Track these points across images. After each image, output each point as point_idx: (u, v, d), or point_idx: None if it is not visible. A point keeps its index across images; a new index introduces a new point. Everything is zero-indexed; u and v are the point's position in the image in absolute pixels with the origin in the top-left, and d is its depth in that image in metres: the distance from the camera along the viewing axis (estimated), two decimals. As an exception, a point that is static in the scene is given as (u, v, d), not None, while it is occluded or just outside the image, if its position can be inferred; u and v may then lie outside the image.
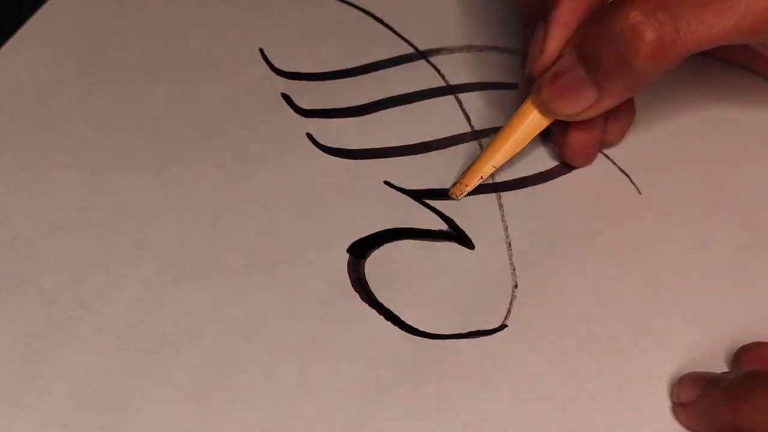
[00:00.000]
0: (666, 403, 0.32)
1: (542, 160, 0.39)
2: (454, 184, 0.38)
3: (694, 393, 0.30)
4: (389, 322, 0.34)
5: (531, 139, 0.37)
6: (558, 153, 0.39)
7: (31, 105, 0.42)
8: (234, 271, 0.36)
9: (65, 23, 0.46)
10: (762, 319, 0.34)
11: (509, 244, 0.36)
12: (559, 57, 0.36)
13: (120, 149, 0.40)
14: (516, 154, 0.38)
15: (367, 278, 0.35)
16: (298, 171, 0.39)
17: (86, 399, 0.32)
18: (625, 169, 0.39)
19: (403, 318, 0.34)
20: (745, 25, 0.32)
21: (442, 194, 0.38)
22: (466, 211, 0.37)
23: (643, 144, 0.40)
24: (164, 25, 0.46)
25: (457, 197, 0.37)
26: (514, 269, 0.35)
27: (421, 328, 0.34)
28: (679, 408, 0.31)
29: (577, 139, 0.38)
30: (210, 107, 0.42)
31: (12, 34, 0.46)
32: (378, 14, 0.47)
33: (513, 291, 0.34)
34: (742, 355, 0.32)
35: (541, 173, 0.39)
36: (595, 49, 0.34)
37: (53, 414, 0.32)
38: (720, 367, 0.32)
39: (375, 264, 0.36)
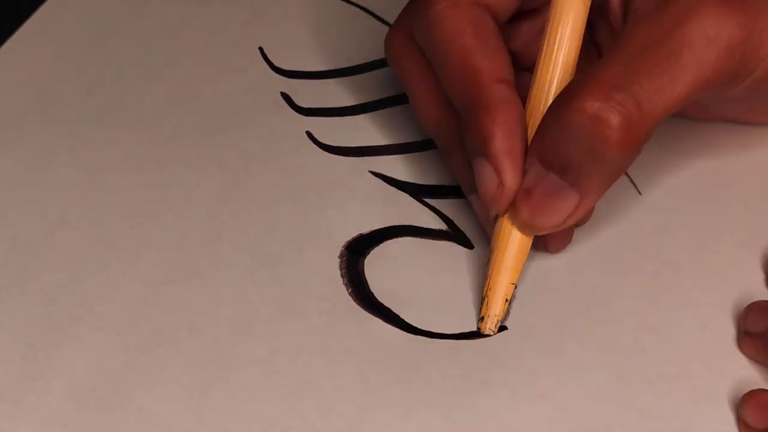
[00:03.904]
0: (666, 402, 0.32)
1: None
2: (481, 319, 0.34)
3: (763, 324, 0.30)
4: (388, 321, 0.34)
5: (531, 242, 0.34)
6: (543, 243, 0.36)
7: (31, 105, 0.42)
8: (234, 270, 0.36)
9: (65, 23, 0.46)
10: (762, 318, 0.34)
11: (509, 244, 0.36)
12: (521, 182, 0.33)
13: (120, 149, 0.40)
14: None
15: (366, 276, 0.35)
16: (297, 169, 0.39)
17: (86, 398, 0.32)
18: (626, 172, 0.39)
19: (402, 316, 0.34)
20: (702, 78, 0.31)
21: (441, 191, 0.38)
22: (465, 211, 0.37)
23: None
24: (164, 25, 0.46)
25: (493, 332, 0.34)
26: (514, 268, 0.35)
27: (421, 327, 0.34)
28: (745, 338, 0.30)
29: (556, 237, 0.35)
30: (210, 106, 0.42)
31: (12, 34, 0.46)
32: (377, 12, 0.47)
33: (513, 291, 0.34)
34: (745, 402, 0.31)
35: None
36: (561, 151, 0.31)
37: (53, 414, 0.32)
38: (721, 365, 0.32)
39: (374, 262, 0.36)
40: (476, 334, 0.34)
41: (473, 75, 0.33)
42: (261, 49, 0.45)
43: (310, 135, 0.41)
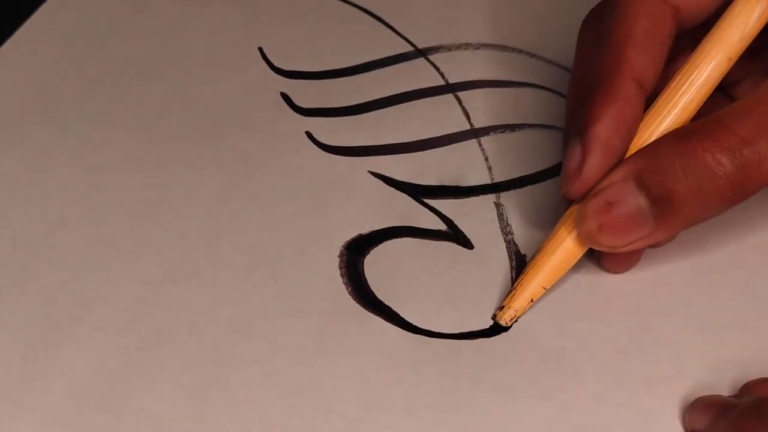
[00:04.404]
0: (666, 403, 0.32)
1: (541, 158, 0.39)
2: (501, 308, 0.34)
3: (705, 421, 0.30)
4: (389, 320, 0.34)
5: (581, 256, 0.34)
6: (595, 257, 0.35)
7: (31, 105, 0.42)
8: (234, 269, 0.36)
9: (65, 23, 0.46)
10: (762, 319, 0.34)
11: (508, 244, 0.36)
12: (600, 180, 0.32)
13: (120, 149, 0.40)
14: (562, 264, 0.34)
15: (366, 276, 0.35)
16: (297, 169, 0.39)
17: (86, 398, 0.32)
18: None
19: (402, 316, 0.34)
20: None
21: (441, 192, 0.38)
22: (465, 211, 0.37)
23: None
24: (164, 25, 0.46)
25: (507, 324, 0.34)
26: (513, 269, 0.35)
27: (421, 327, 0.34)
28: None
29: (620, 256, 0.35)
30: (210, 106, 0.42)
31: (12, 34, 0.46)
32: (377, 12, 0.47)
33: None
34: (749, 389, 0.31)
35: (540, 172, 0.39)
36: (667, 181, 0.31)
37: (53, 414, 0.32)
38: (720, 366, 0.32)
39: (374, 262, 0.36)
40: (476, 334, 0.34)
41: (618, 63, 0.33)
42: (261, 49, 0.45)
43: (309, 135, 0.41)
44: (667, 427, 0.31)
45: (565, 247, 0.33)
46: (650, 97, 0.33)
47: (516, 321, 0.34)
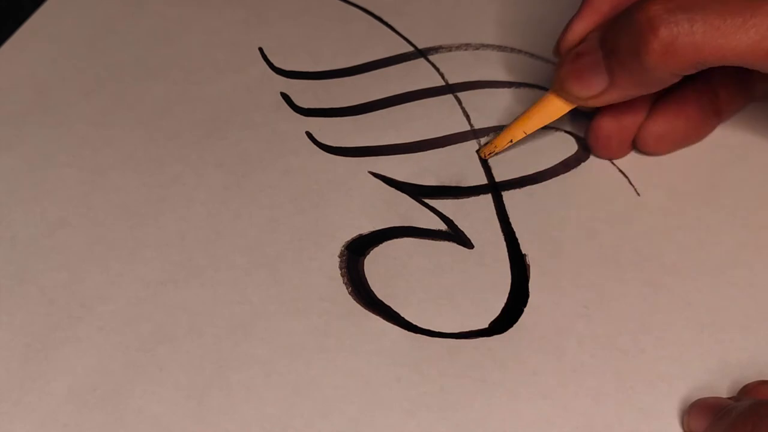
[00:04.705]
0: (666, 402, 0.32)
1: (541, 158, 0.39)
2: (485, 144, 0.39)
3: (703, 423, 0.30)
4: (389, 320, 0.34)
5: (565, 112, 0.38)
6: (586, 139, 0.39)
7: (31, 105, 0.42)
8: (233, 269, 0.36)
9: (65, 23, 0.47)
10: (762, 319, 0.34)
11: (508, 244, 0.36)
12: (583, 39, 0.36)
13: (120, 149, 0.40)
14: (536, 131, 0.38)
15: (366, 276, 0.35)
16: (297, 169, 0.39)
17: (86, 398, 0.32)
18: (623, 170, 0.39)
19: (402, 315, 0.34)
20: (763, 47, 0.31)
21: (441, 192, 0.38)
22: (465, 211, 0.37)
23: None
24: (164, 25, 0.46)
25: (485, 156, 0.39)
26: (513, 268, 0.35)
27: (421, 326, 0.34)
28: None
29: (601, 124, 0.38)
30: (210, 107, 0.42)
31: (12, 34, 0.46)
32: (377, 12, 0.47)
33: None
34: (747, 392, 0.31)
35: (540, 172, 0.39)
36: (614, 36, 0.34)
37: (53, 414, 0.32)
38: (720, 366, 0.32)
39: (374, 262, 0.36)
40: (476, 334, 0.34)
41: None
42: (261, 49, 0.45)
43: (309, 135, 0.41)
44: (667, 427, 0.31)
45: (550, 99, 0.37)
46: None
47: (493, 155, 0.38)
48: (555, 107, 0.38)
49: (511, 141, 0.38)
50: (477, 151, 0.39)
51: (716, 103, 0.38)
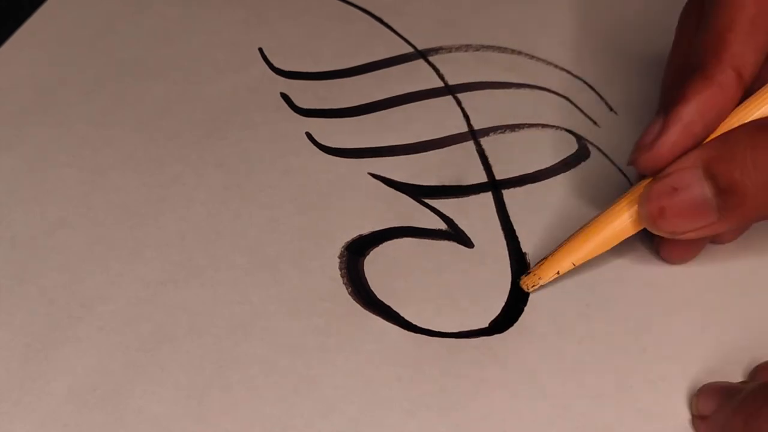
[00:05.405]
0: (666, 402, 0.32)
1: (541, 158, 0.39)
2: (527, 274, 0.34)
3: (711, 405, 0.30)
4: (389, 320, 0.34)
5: (622, 240, 0.33)
6: (654, 245, 0.35)
7: (31, 105, 0.42)
8: (234, 270, 0.36)
9: (65, 23, 0.47)
10: (761, 318, 0.34)
11: (508, 243, 0.36)
12: (672, 161, 0.32)
13: (120, 149, 0.40)
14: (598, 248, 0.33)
15: (366, 276, 0.35)
16: (297, 170, 0.39)
17: (86, 398, 0.32)
18: (624, 170, 0.39)
19: (402, 315, 0.34)
20: None
21: (441, 192, 0.38)
22: (465, 210, 0.37)
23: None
24: (164, 25, 0.46)
25: (528, 289, 0.34)
26: (513, 267, 0.35)
27: (421, 326, 0.34)
28: (698, 421, 0.30)
29: (678, 245, 0.34)
30: (209, 107, 0.42)
31: (12, 34, 0.46)
32: (377, 12, 0.47)
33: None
34: (759, 371, 0.31)
35: (541, 171, 0.39)
36: (734, 173, 0.30)
37: (53, 414, 0.32)
38: (720, 365, 0.32)
39: (374, 262, 0.36)
40: (476, 333, 0.34)
41: (718, 49, 0.32)
42: (261, 50, 0.45)
43: (309, 136, 0.41)
44: (668, 427, 0.31)
45: (613, 227, 0.33)
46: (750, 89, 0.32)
47: (537, 289, 0.34)
48: (622, 231, 0.33)
49: (558, 273, 0.33)
50: (518, 282, 0.34)
51: None
